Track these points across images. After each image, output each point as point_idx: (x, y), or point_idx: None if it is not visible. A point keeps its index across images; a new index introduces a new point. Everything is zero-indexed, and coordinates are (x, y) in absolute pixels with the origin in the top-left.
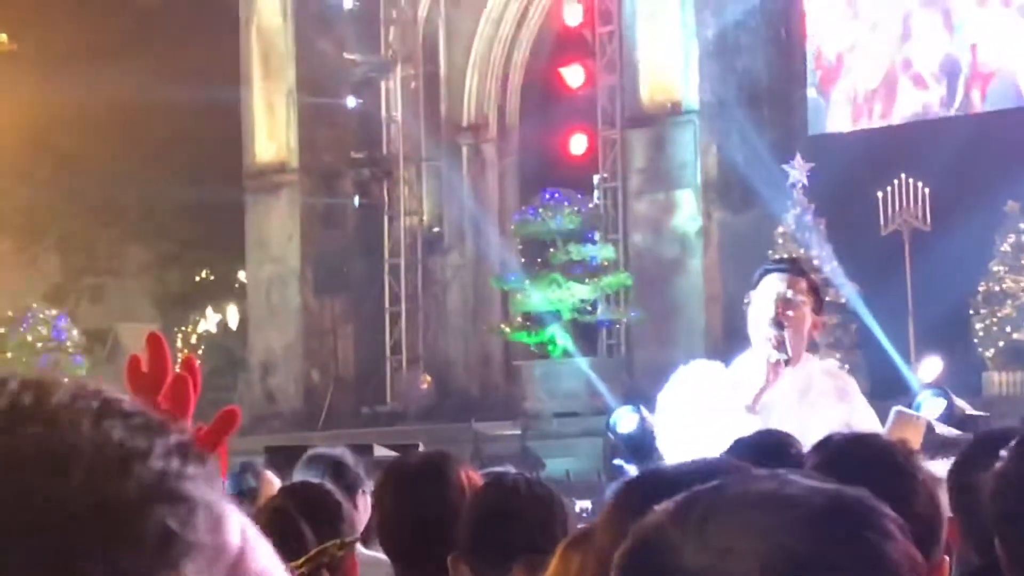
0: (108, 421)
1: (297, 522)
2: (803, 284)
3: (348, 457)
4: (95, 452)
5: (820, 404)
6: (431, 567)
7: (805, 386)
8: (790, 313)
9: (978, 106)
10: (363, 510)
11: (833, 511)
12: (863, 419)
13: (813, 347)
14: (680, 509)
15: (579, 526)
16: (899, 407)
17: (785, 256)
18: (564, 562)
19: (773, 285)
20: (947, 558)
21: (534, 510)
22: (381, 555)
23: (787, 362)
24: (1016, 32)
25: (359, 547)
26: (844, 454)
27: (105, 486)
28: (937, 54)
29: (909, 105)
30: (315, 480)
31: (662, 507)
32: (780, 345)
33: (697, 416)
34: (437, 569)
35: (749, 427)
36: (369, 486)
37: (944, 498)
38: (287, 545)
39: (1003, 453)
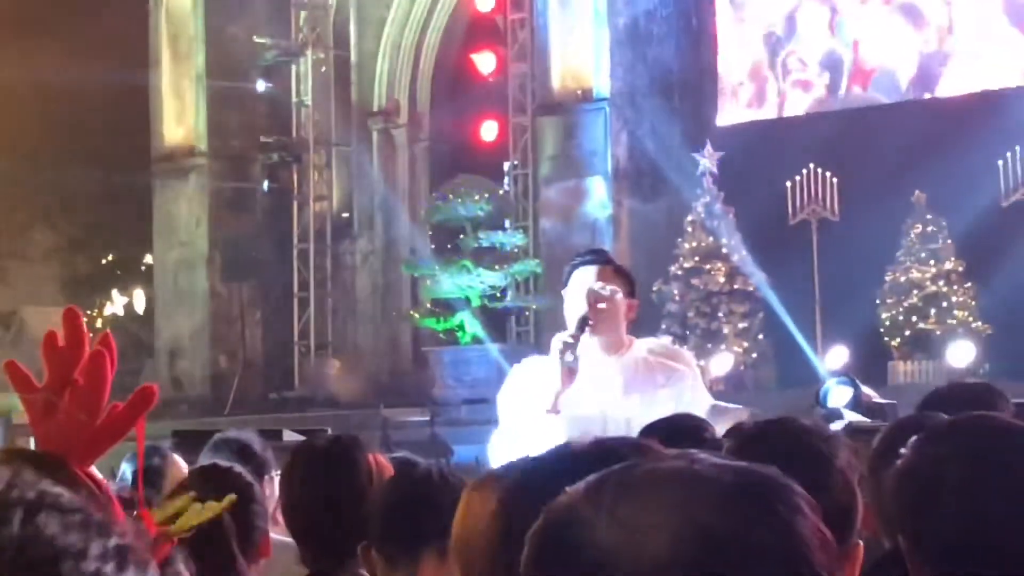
0: (43, 516)
1: (222, 517)
2: (610, 271)
3: (256, 441)
4: (20, 551)
5: (645, 390)
6: (337, 550)
7: (629, 373)
8: (601, 306)
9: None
10: (270, 494)
11: (744, 487)
12: (690, 401)
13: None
14: (592, 488)
15: None
16: (714, 402)
17: (595, 248)
18: (468, 505)
19: (582, 279)
20: (860, 543)
21: (446, 498)
22: (288, 538)
23: (574, 364)
24: (896, 30)
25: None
26: (760, 438)
27: None
28: (819, 49)
29: (800, 98)
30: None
31: (574, 488)
32: (572, 347)
33: (514, 417)
34: (343, 552)
35: (552, 428)
36: (277, 471)
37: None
38: (200, 528)
39: (903, 451)
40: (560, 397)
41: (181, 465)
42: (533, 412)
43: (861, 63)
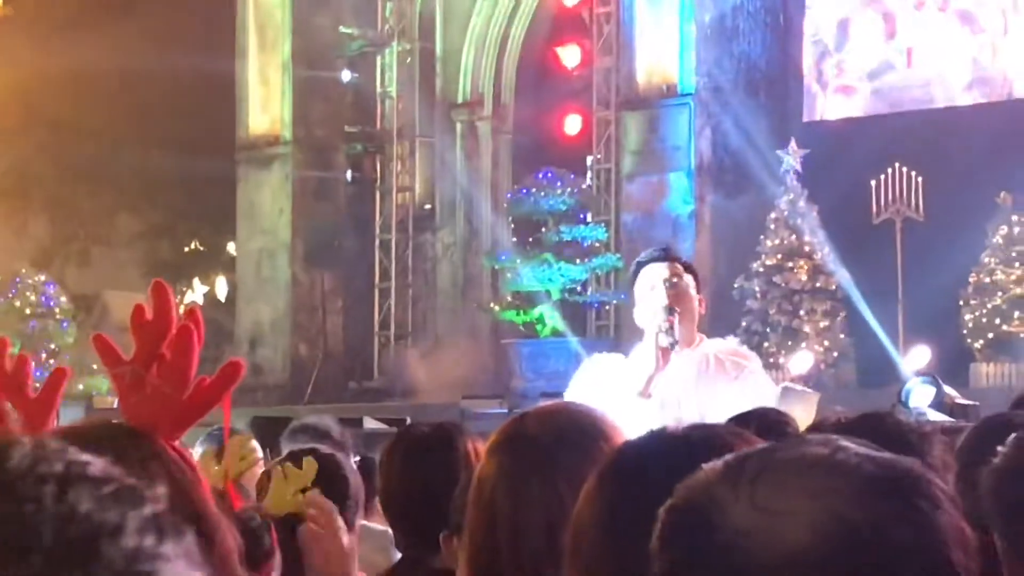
0: (74, 490)
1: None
2: (680, 268)
3: (334, 426)
4: (58, 531)
5: (717, 383)
6: (432, 536)
7: (702, 366)
8: (682, 295)
9: None
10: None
11: (886, 479)
12: (759, 395)
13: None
14: (730, 469)
15: None
16: (787, 383)
17: (656, 248)
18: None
19: (655, 274)
20: None
21: None
22: (377, 525)
23: (674, 345)
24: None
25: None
26: (850, 431)
27: (70, 573)
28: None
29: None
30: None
31: (709, 466)
32: (670, 330)
33: (605, 401)
34: (438, 538)
35: (643, 412)
36: (356, 459)
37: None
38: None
39: (1000, 449)
40: (653, 381)
41: (256, 448)
42: (623, 396)
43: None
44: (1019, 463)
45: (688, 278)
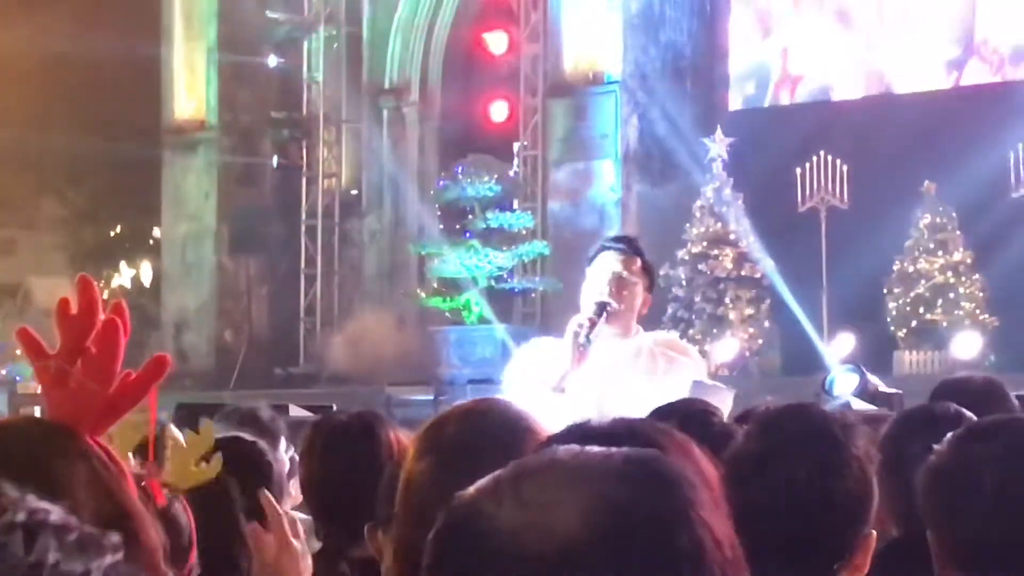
0: (41, 539)
1: (225, 480)
2: (637, 264)
3: (265, 412)
4: None
5: (646, 375)
6: (354, 526)
7: (634, 358)
8: (625, 292)
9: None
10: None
11: (637, 463)
12: (676, 388)
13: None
14: (488, 483)
15: None
16: (697, 378)
17: (623, 235)
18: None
19: (608, 263)
20: (873, 533)
21: None
22: (299, 513)
23: (586, 347)
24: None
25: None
26: (778, 422)
27: None
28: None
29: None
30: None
31: (468, 490)
32: (590, 329)
33: (518, 393)
34: (360, 530)
35: (557, 406)
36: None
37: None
38: (212, 500)
39: (936, 448)
40: (568, 377)
41: (178, 437)
42: (538, 389)
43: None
44: (953, 463)
45: (638, 275)
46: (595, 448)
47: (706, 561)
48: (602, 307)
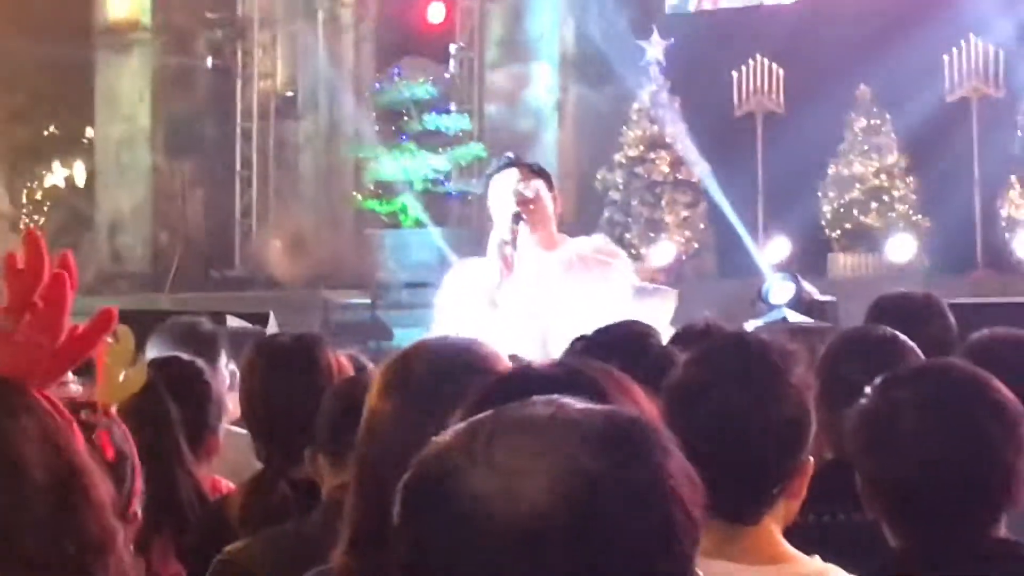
0: None
1: (164, 402)
2: (527, 170)
3: (204, 326)
4: None
5: (582, 282)
6: (292, 448)
7: (565, 266)
8: (531, 206)
9: None
10: (220, 383)
11: (615, 428)
12: (623, 294)
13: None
14: (463, 435)
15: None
16: (640, 283)
17: (507, 156)
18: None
19: (506, 183)
20: (811, 459)
21: None
22: (241, 429)
23: (512, 254)
24: None
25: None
26: (718, 352)
27: None
28: None
29: None
30: (180, 353)
31: (443, 436)
32: (513, 240)
33: (453, 314)
34: (298, 451)
35: (493, 321)
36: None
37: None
38: (153, 423)
39: (868, 390)
40: (501, 289)
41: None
42: (473, 308)
43: None
44: (878, 408)
45: (538, 182)
46: (573, 405)
47: (676, 535)
48: (517, 217)
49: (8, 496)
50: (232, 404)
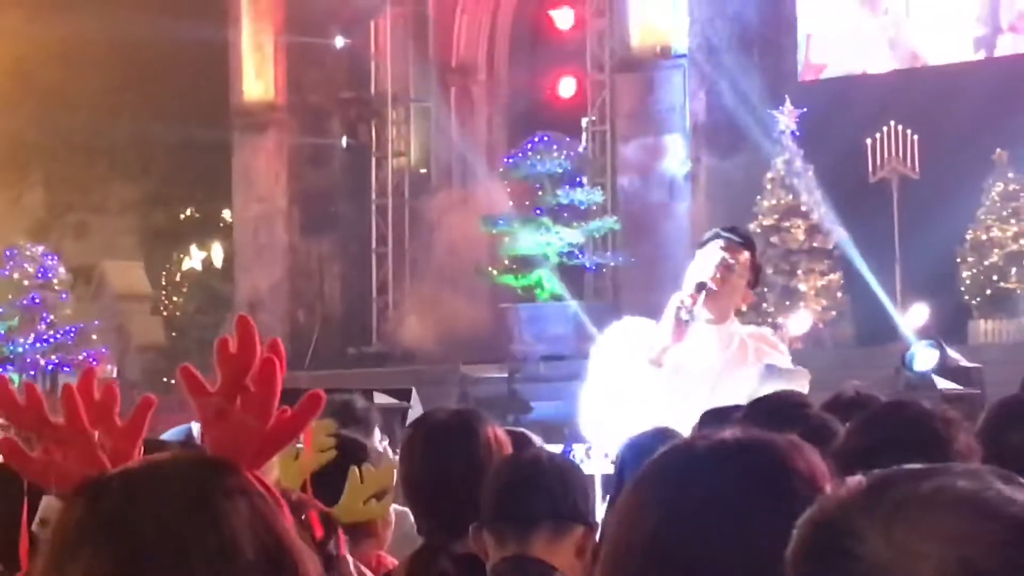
0: None
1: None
2: (746, 257)
3: (359, 403)
4: None
5: (738, 364)
6: (453, 523)
7: (726, 343)
8: (726, 279)
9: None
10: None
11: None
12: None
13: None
14: (871, 495)
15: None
16: (768, 361)
17: (738, 227)
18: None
19: (717, 249)
20: None
21: (556, 480)
22: (401, 507)
23: (688, 323)
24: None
25: None
26: (881, 420)
27: None
28: None
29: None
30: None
31: (851, 486)
32: (691, 306)
33: (615, 373)
34: (459, 525)
35: (655, 380)
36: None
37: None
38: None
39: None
40: (668, 352)
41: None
42: (635, 364)
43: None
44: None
45: (745, 255)
46: (998, 487)
47: None
48: (701, 286)
49: (222, 575)
50: None
